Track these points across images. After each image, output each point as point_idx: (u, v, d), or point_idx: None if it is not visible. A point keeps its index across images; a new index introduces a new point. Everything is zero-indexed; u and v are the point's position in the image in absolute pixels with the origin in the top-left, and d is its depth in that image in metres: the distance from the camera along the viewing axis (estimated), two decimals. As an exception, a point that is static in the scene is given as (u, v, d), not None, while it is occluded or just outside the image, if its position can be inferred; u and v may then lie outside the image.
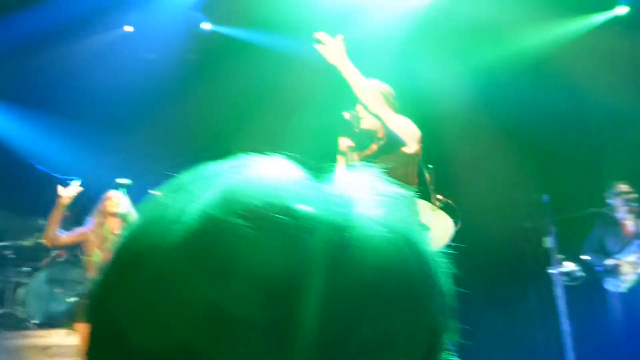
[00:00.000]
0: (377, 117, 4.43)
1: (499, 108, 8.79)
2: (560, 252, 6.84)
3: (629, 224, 7.47)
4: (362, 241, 0.55)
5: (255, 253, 0.52)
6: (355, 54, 8.47)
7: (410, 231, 0.60)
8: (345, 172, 0.63)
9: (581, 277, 7.29)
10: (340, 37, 4.51)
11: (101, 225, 6.09)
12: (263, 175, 0.59)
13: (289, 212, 0.54)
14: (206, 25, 8.55)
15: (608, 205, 7.53)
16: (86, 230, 6.24)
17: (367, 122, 4.62)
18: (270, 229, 0.53)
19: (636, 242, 7.36)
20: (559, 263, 6.77)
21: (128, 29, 8.24)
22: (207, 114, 8.59)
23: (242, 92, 8.48)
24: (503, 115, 8.73)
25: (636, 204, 7.43)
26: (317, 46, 4.50)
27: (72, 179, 6.83)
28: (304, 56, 8.53)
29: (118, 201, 6.10)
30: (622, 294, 7.34)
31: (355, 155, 4.61)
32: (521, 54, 8.72)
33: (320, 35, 4.48)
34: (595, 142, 8.72)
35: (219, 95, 8.48)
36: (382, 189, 0.63)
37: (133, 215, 6.20)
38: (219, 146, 8.48)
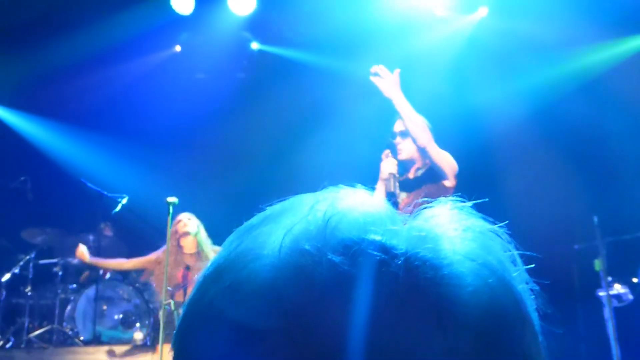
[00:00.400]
0: (424, 150, 4.64)
1: (550, 129, 8.69)
2: (611, 275, 6.73)
3: (683, 246, 7.33)
4: (455, 278, 0.54)
5: (350, 288, 0.51)
6: (405, 74, 8.55)
7: (501, 266, 0.58)
8: (426, 206, 0.62)
9: (631, 299, 7.16)
10: (397, 71, 4.75)
11: (176, 246, 6.29)
12: (355, 209, 0.58)
13: (383, 248, 0.53)
14: (255, 45, 8.62)
15: None
16: (155, 254, 6.45)
17: (407, 152, 4.83)
18: (369, 265, 0.52)
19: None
20: (609, 285, 6.66)
21: (178, 49, 8.35)
22: (256, 133, 8.66)
23: (291, 112, 8.52)
24: (555, 136, 8.63)
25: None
26: (373, 78, 4.72)
27: (121, 197, 6.96)
28: (353, 76, 8.60)
29: (188, 222, 6.36)
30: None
31: (396, 183, 4.73)
32: (574, 74, 8.63)
33: (378, 68, 4.70)
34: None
35: (268, 115, 8.54)
36: (467, 223, 0.61)
37: (204, 233, 6.41)
38: (269, 166, 8.56)
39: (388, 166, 4.82)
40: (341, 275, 0.51)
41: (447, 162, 4.70)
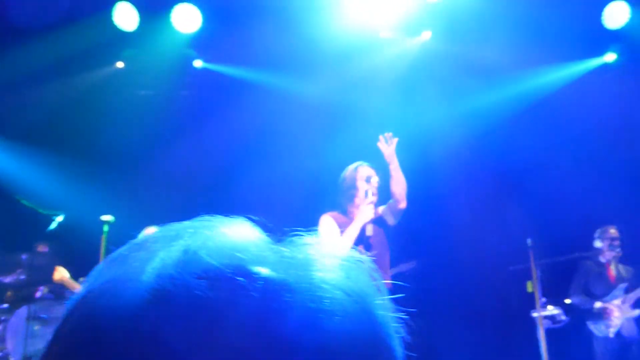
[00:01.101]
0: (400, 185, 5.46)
1: (490, 151, 8.82)
2: (545, 296, 6.83)
3: (614, 268, 7.49)
4: (318, 305, 0.55)
5: (212, 312, 0.52)
6: (351, 95, 8.60)
7: (368, 296, 0.60)
8: (306, 236, 0.63)
9: (564, 320, 7.28)
10: (395, 140, 5.57)
11: None
12: (223, 236, 0.59)
13: (246, 273, 0.55)
14: (199, 63, 8.59)
15: (594, 249, 7.55)
16: None
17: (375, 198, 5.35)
18: (227, 289, 0.53)
19: (619, 286, 7.37)
20: (543, 306, 6.76)
21: (120, 65, 8.27)
22: (199, 152, 8.61)
23: (236, 131, 8.49)
24: (494, 158, 8.76)
25: (620, 249, 7.46)
26: (379, 144, 5.52)
27: (56, 214, 6.85)
28: (299, 96, 8.62)
29: None
30: (607, 339, 7.33)
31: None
32: (515, 98, 8.77)
33: (388, 135, 5.53)
34: (583, 187, 8.72)
35: (211, 134, 8.50)
36: (341, 253, 0.63)
37: None
38: (212, 186, 8.50)
39: (367, 214, 5.16)
40: (196, 299, 0.52)
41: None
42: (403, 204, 5.42)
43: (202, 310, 0.52)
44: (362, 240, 5.12)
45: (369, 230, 5.15)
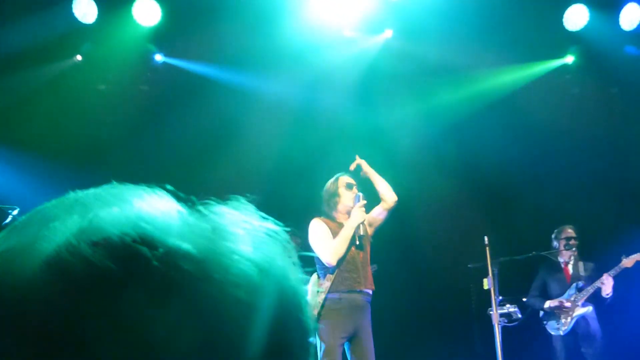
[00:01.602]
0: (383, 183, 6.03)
1: (449, 150, 8.89)
2: (502, 294, 6.89)
3: (570, 267, 7.61)
4: (220, 273, 0.54)
5: (109, 281, 0.51)
6: (313, 92, 8.60)
7: (277, 269, 0.59)
8: (219, 207, 0.63)
9: (520, 318, 7.37)
10: (357, 156, 6.15)
11: None
12: (128, 205, 0.58)
13: (148, 242, 0.53)
14: (159, 57, 8.52)
15: (552, 248, 7.66)
16: None
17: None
18: (126, 258, 0.52)
19: (573, 285, 7.50)
20: (500, 304, 6.82)
21: (79, 58, 8.16)
22: (159, 148, 8.54)
23: (196, 127, 8.44)
24: (453, 157, 8.83)
25: (576, 249, 7.59)
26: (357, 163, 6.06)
27: (13, 209, 6.73)
28: (258, 91, 8.60)
29: None
30: (561, 337, 7.45)
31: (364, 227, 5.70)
32: (476, 96, 8.84)
33: (360, 161, 6.08)
34: (543, 186, 8.83)
35: (172, 129, 8.44)
36: (249, 223, 0.62)
37: None
38: (172, 182, 8.42)
39: (359, 216, 5.61)
40: (93, 267, 0.51)
41: None
42: (394, 197, 5.94)
43: (99, 279, 0.51)
44: (354, 241, 5.55)
45: (362, 230, 5.60)
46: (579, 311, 7.46)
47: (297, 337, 0.60)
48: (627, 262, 7.45)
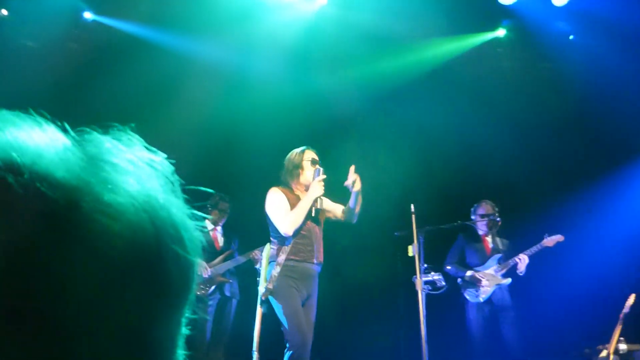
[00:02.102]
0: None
1: (380, 117, 8.94)
2: (427, 262, 7.00)
3: (489, 240, 7.81)
4: (90, 201, 0.53)
5: None
6: (248, 56, 8.51)
7: (155, 201, 0.59)
8: (104, 138, 0.62)
9: (445, 286, 7.54)
10: (353, 167, 6.01)
11: None
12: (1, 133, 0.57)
13: (11, 168, 0.53)
14: (88, 15, 8.29)
15: (472, 220, 7.84)
16: None
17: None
18: None
19: (494, 257, 7.71)
20: (425, 272, 6.93)
21: (4, 12, 7.88)
22: (89, 108, 8.34)
23: (128, 88, 8.25)
24: (384, 125, 8.89)
25: (493, 219, 7.78)
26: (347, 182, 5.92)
27: None
28: (191, 54, 8.48)
29: None
30: (479, 304, 7.67)
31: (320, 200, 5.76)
32: (412, 66, 8.90)
33: (353, 177, 5.93)
34: (471, 157, 8.98)
35: (101, 89, 8.24)
36: (138, 156, 0.61)
37: None
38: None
39: (318, 190, 5.68)
40: None
41: None
42: (353, 220, 6.07)
43: None
44: (310, 213, 5.64)
45: (319, 204, 5.69)
46: (499, 282, 7.68)
47: (175, 270, 0.59)
48: (548, 241, 7.68)
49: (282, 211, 5.64)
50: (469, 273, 7.74)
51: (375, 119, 8.88)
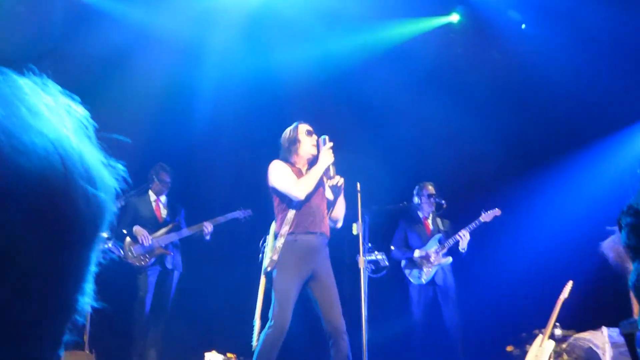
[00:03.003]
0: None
1: (334, 96, 8.96)
2: (371, 242, 7.06)
3: (429, 221, 7.94)
4: (7, 140, 0.54)
5: None
6: (200, 28, 8.42)
7: (65, 139, 0.59)
8: (19, 79, 0.62)
9: (387, 266, 7.64)
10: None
11: None
12: None
13: None
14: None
15: (414, 202, 7.95)
16: None
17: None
18: None
19: (434, 237, 7.83)
20: (369, 252, 6.99)
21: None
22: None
23: (77, 56, 8.11)
24: (336, 103, 8.92)
25: (438, 202, 7.89)
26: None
27: None
28: (143, 24, 8.36)
29: None
30: (421, 286, 7.78)
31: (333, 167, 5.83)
32: (367, 46, 8.92)
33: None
34: (416, 139, 9.09)
35: (50, 56, 8.07)
36: (53, 98, 0.62)
37: None
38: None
39: (328, 157, 5.73)
40: None
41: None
42: (337, 225, 6.08)
43: None
44: (322, 183, 5.76)
45: (332, 172, 5.76)
46: (441, 262, 7.81)
47: (84, 208, 0.60)
48: (486, 216, 7.84)
49: (290, 178, 5.69)
50: (416, 253, 7.84)
51: (329, 96, 8.88)
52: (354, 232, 6.36)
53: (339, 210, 5.96)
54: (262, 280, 5.69)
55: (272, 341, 5.44)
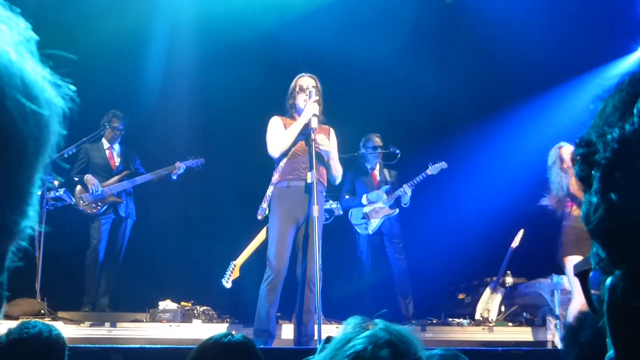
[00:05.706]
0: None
1: (283, 46, 8.85)
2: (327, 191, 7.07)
3: (378, 173, 8.01)
4: None
5: None
6: None
7: (3, 54, 0.58)
8: None
9: (340, 215, 7.72)
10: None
11: None
12: None
13: None
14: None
15: (361, 153, 8.00)
16: None
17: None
18: None
19: (382, 188, 7.90)
20: (325, 200, 7.01)
21: None
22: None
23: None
24: (286, 52, 8.84)
25: (392, 151, 7.95)
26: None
27: None
28: None
29: None
30: (368, 235, 7.87)
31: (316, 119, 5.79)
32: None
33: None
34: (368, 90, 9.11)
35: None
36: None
37: None
38: None
39: (312, 108, 5.74)
40: None
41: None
42: (335, 182, 6.19)
43: None
44: (307, 134, 5.78)
45: (314, 123, 5.73)
46: (388, 212, 7.88)
47: (22, 123, 0.58)
48: (433, 169, 7.91)
49: (272, 135, 5.87)
50: (364, 200, 7.89)
51: (285, 43, 8.76)
52: (308, 180, 6.37)
53: (334, 170, 6.03)
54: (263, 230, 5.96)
55: (271, 286, 5.60)
